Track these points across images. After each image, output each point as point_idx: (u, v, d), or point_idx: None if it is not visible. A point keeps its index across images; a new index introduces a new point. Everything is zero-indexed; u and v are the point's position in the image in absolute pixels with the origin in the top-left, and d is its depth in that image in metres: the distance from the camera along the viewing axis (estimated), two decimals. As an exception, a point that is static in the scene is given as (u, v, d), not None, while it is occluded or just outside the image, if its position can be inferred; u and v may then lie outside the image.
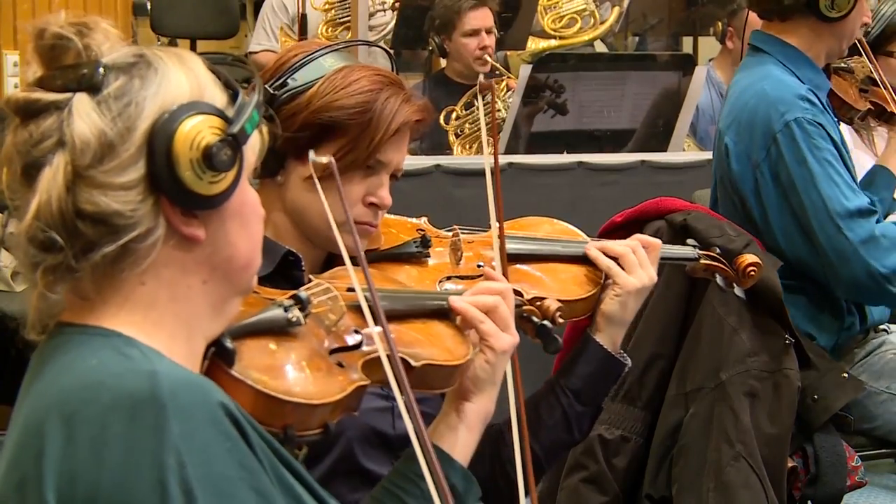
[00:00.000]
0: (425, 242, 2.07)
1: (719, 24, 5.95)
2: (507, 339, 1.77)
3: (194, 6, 6.82)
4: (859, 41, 3.33)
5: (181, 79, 1.41)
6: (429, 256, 2.07)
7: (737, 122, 3.13)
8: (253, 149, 1.47)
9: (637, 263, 2.13)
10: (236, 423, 1.34)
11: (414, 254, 2.06)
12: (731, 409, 2.75)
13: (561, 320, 2.00)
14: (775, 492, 2.77)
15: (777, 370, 2.81)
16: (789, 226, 3.05)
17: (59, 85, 1.37)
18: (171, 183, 1.37)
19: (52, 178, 1.35)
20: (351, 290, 1.70)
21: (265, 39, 6.08)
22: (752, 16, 5.58)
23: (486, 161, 1.97)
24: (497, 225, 1.97)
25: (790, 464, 2.91)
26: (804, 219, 3.02)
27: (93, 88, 1.37)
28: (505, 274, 1.93)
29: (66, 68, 1.38)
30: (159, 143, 1.36)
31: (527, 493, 1.68)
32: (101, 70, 1.37)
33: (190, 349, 1.43)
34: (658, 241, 2.20)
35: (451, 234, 2.12)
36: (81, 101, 1.36)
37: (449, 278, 2.05)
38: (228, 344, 1.48)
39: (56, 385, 1.35)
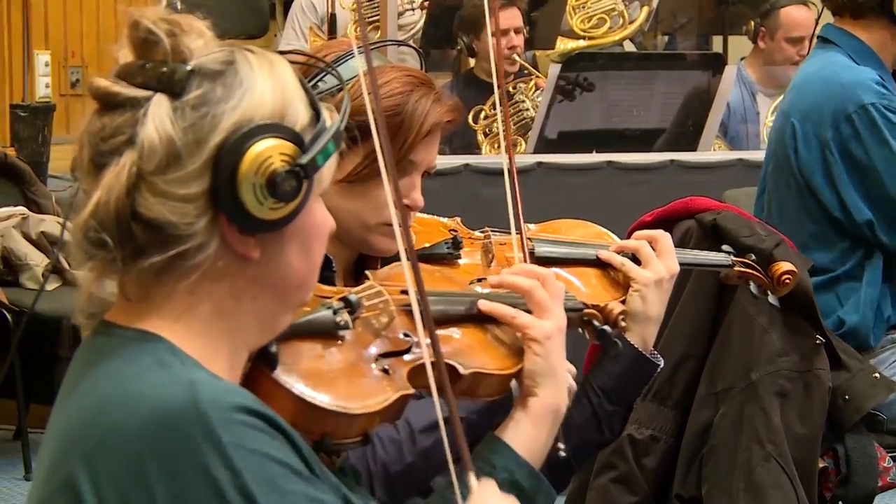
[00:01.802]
0: (456, 244, 2.06)
1: (752, 22, 5.93)
2: (547, 325, 1.68)
3: (224, 5, 6.83)
4: None
5: (266, 92, 1.36)
6: (460, 258, 2.07)
7: (804, 102, 3.17)
8: (329, 169, 1.41)
9: (652, 256, 2.10)
10: (277, 427, 1.32)
11: (445, 255, 2.05)
12: (761, 409, 2.74)
13: (623, 324, 1.98)
14: (806, 492, 2.76)
15: (808, 370, 2.80)
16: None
17: (141, 82, 1.34)
18: (231, 203, 1.33)
19: (116, 176, 1.33)
20: (404, 291, 1.62)
21: (294, 39, 6.09)
22: (786, 16, 5.60)
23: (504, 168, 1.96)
24: (522, 230, 1.95)
25: (821, 464, 2.90)
26: (885, 198, 3.09)
27: (173, 92, 1.33)
28: None
29: (152, 64, 1.35)
30: (226, 161, 1.33)
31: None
32: (185, 74, 1.34)
33: (232, 361, 1.40)
34: (664, 233, 2.17)
35: (482, 235, 2.11)
36: (159, 103, 1.33)
37: (480, 280, 2.05)
38: (272, 347, 1.44)
39: (97, 394, 1.34)
